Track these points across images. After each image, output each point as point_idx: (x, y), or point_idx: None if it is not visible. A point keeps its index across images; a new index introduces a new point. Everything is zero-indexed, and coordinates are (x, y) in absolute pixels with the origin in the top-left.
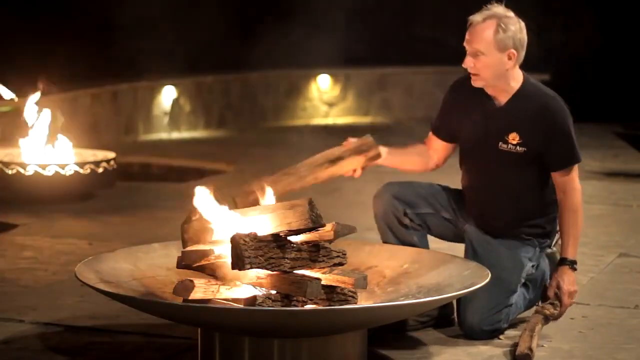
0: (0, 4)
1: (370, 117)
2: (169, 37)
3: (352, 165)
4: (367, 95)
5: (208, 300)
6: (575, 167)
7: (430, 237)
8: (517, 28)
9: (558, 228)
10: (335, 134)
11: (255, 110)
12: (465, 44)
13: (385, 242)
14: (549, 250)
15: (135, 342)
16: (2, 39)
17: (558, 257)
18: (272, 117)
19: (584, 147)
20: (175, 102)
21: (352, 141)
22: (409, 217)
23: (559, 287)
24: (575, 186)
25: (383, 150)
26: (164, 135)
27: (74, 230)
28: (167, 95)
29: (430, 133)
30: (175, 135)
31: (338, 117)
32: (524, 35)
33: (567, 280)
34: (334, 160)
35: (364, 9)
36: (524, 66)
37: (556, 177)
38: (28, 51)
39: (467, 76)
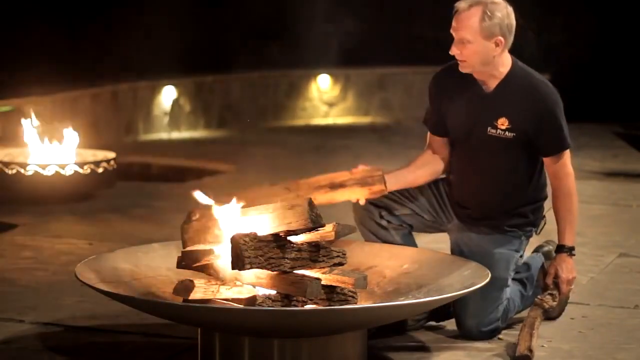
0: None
1: (370, 117)
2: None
3: (353, 195)
4: (367, 95)
5: (208, 300)
6: (567, 152)
7: (430, 237)
8: (504, 14)
9: (544, 214)
10: (336, 133)
11: (255, 110)
12: (451, 31)
13: None
14: (545, 249)
15: (135, 342)
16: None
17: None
18: (272, 117)
19: (584, 147)
20: (175, 102)
21: (362, 169)
22: (385, 220)
23: (557, 275)
24: (568, 171)
25: (389, 179)
26: (164, 135)
27: (74, 230)
28: (167, 95)
29: (429, 134)
30: (175, 135)
31: (338, 117)
32: (511, 21)
33: (566, 267)
34: (336, 187)
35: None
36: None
37: (548, 163)
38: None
39: (450, 64)
